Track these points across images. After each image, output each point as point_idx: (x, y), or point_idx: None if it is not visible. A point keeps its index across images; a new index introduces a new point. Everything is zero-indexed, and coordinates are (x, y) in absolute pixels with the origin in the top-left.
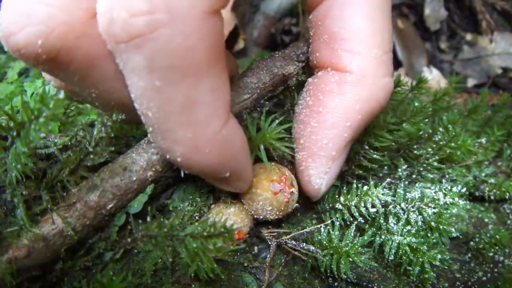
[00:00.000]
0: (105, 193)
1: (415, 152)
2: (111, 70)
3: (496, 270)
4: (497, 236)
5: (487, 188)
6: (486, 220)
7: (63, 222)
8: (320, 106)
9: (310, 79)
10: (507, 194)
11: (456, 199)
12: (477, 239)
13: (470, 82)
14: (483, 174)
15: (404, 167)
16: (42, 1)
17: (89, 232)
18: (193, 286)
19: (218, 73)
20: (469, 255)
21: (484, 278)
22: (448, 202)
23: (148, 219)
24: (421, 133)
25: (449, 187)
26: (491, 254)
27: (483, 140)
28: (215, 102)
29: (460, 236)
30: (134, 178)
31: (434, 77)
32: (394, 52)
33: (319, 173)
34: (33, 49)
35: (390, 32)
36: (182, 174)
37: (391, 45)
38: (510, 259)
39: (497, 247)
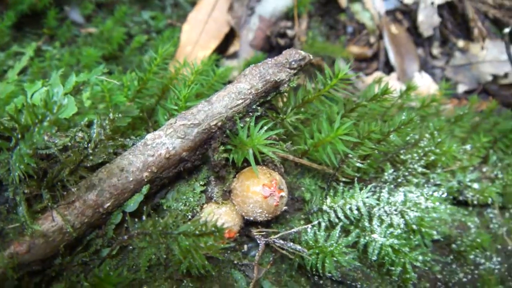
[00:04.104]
0: (103, 192)
1: (402, 156)
2: None
3: (476, 272)
4: (478, 240)
5: (470, 193)
6: (469, 223)
7: (63, 219)
8: None
9: None
10: (490, 199)
11: (437, 203)
12: (459, 242)
13: (461, 88)
14: (467, 180)
15: (391, 171)
16: None
17: (87, 229)
18: (185, 281)
19: None
20: (451, 257)
21: (465, 279)
22: (429, 207)
23: (144, 217)
24: (408, 138)
25: (431, 192)
26: (472, 256)
27: (468, 146)
28: None
29: (443, 239)
30: (131, 179)
31: (425, 83)
32: (387, 57)
33: None
34: None
35: None
36: None
37: None
38: (491, 261)
39: (478, 250)
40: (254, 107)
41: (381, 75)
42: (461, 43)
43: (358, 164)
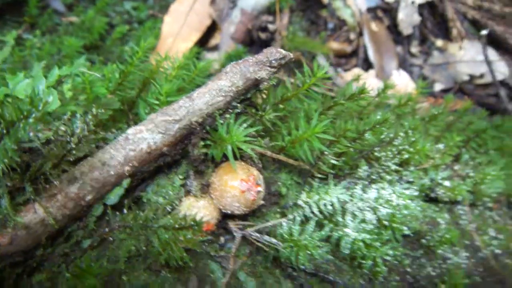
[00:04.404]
0: (85, 185)
1: (376, 154)
2: None
3: (444, 266)
4: (447, 235)
5: (441, 191)
6: (439, 219)
7: (45, 212)
8: None
9: None
10: (460, 197)
11: (408, 201)
12: (428, 237)
13: (438, 87)
14: (439, 177)
15: (365, 167)
16: None
17: (69, 221)
18: (163, 272)
19: None
20: (421, 251)
21: (433, 273)
22: (400, 204)
23: (124, 210)
24: (382, 137)
25: (402, 190)
26: (440, 251)
27: (441, 145)
28: None
29: (413, 234)
30: (112, 172)
31: (402, 81)
32: (366, 54)
33: None
34: None
35: None
36: None
37: None
38: (459, 256)
39: (446, 245)
40: (234, 104)
41: (359, 72)
42: (439, 42)
43: (333, 161)
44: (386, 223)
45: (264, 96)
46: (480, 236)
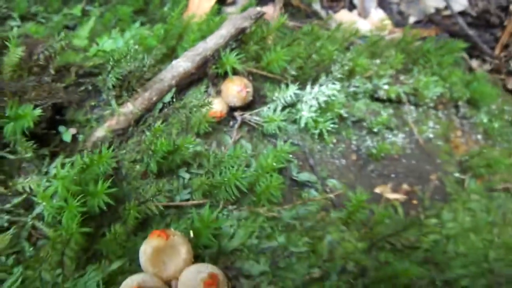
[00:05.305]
0: (152, 92)
1: (331, 68)
2: None
3: (380, 140)
4: (380, 119)
5: (381, 92)
6: (381, 112)
7: (133, 106)
8: None
9: None
10: (393, 95)
11: (335, 92)
12: (368, 121)
13: (411, 19)
14: (381, 83)
15: (324, 78)
16: None
17: (144, 112)
18: (198, 138)
19: None
20: (365, 132)
21: (371, 145)
22: (329, 93)
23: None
24: (334, 57)
25: (333, 86)
26: (376, 130)
27: (378, 60)
28: None
29: (358, 121)
30: (166, 84)
31: (378, 16)
32: None
33: None
34: None
35: None
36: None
37: None
38: (397, 137)
39: (384, 127)
40: (230, 42)
41: (345, 12)
42: None
43: (293, 73)
44: (323, 105)
45: (250, 36)
46: (418, 126)
